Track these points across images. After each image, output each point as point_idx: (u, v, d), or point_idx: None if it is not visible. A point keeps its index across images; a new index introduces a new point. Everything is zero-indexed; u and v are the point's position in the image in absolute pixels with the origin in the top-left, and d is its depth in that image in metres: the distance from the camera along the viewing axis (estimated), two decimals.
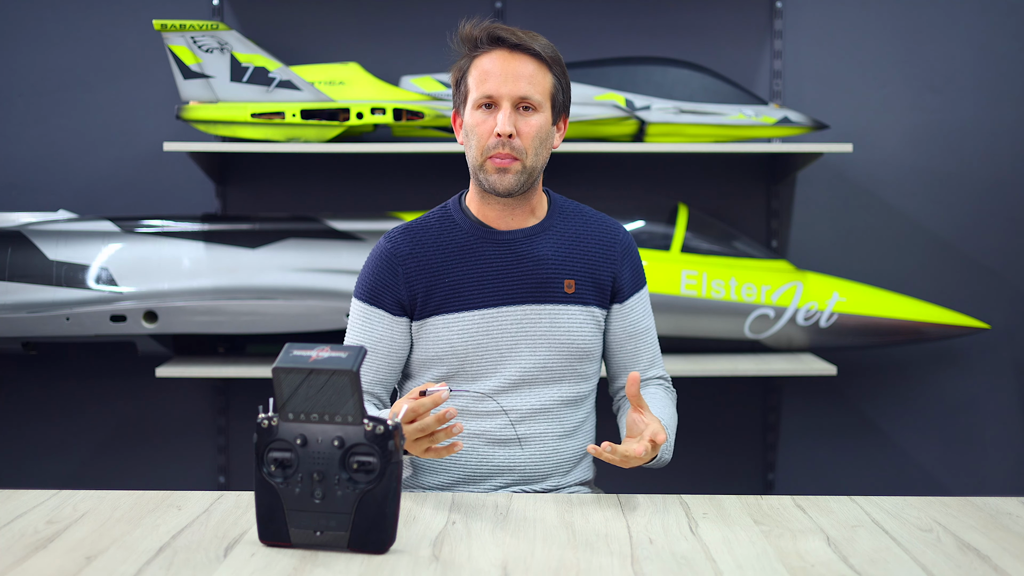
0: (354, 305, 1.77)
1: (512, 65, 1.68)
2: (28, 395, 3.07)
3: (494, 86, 1.68)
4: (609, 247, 1.80)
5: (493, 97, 1.68)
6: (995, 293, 3.10)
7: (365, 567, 1.28)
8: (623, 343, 1.83)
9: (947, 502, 1.58)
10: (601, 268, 1.79)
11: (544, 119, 1.71)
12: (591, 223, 1.82)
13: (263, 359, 2.80)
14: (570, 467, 1.80)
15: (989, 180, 3.09)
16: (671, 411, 1.80)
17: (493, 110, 1.69)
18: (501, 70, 1.68)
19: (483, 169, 1.70)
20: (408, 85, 2.81)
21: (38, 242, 2.68)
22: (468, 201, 1.79)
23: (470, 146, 1.72)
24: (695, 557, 1.33)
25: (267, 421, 1.32)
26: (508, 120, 1.67)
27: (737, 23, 3.06)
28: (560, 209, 1.81)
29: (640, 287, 1.84)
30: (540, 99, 1.70)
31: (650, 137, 2.79)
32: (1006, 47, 3.07)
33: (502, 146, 1.67)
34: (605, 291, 1.80)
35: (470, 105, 1.71)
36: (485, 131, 1.69)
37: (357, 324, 1.76)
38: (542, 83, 1.70)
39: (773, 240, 3.08)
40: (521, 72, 1.68)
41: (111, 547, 1.35)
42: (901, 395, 3.13)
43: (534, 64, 1.70)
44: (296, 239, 2.73)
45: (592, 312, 1.78)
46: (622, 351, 1.83)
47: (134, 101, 3.03)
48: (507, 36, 1.69)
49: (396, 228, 1.79)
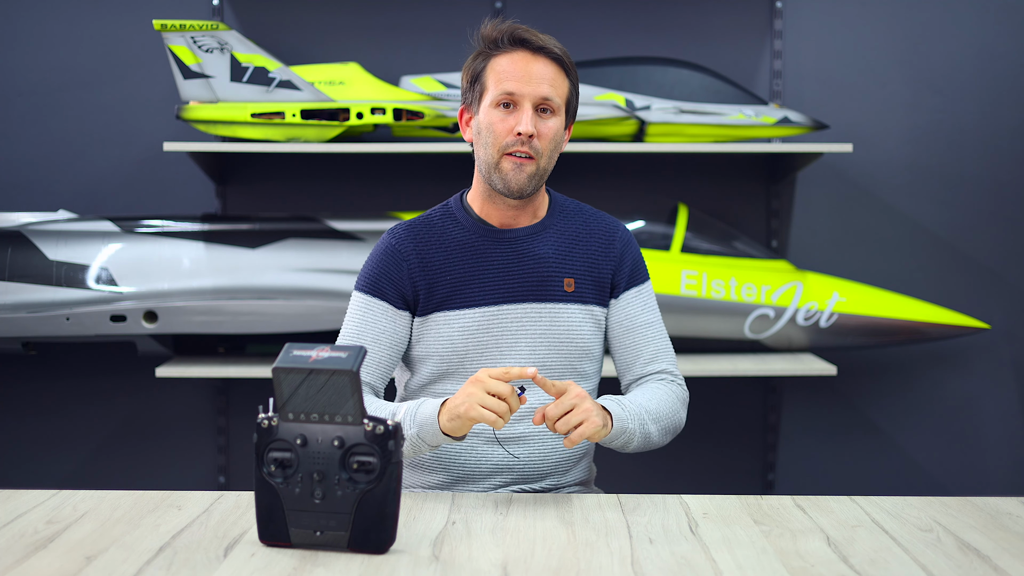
0: (355, 298, 1.77)
1: (534, 67, 1.69)
2: (28, 395, 3.07)
3: (516, 86, 1.68)
4: (608, 245, 1.81)
5: (515, 96, 1.69)
6: (995, 293, 3.10)
7: (365, 567, 1.28)
8: (622, 337, 1.83)
9: (947, 502, 1.58)
10: (601, 266, 1.80)
11: (560, 123, 1.73)
12: (591, 221, 1.82)
13: (263, 359, 2.80)
14: (569, 466, 1.81)
15: (989, 180, 3.09)
16: (652, 396, 1.75)
17: (512, 109, 1.69)
18: (523, 71, 1.69)
19: (498, 167, 1.70)
20: (408, 85, 2.81)
21: (38, 242, 2.68)
22: (470, 200, 1.79)
23: (484, 143, 1.72)
24: (695, 557, 1.33)
25: (267, 421, 1.32)
26: (530, 120, 1.68)
27: (737, 23, 3.06)
28: (560, 208, 1.82)
29: (639, 282, 1.83)
30: (559, 103, 1.71)
31: (650, 137, 2.79)
32: (1006, 47, 3.07)
33: (521, 144, 1.68)
34: (605, 289, 1.80)
35: (487, 103, 1.71)
36: (504, 129, 1.69)
37: (357, 314, 1.75)
38: (561, 87, 1.72)
39: (773, 240, 3.08)
40: (543, 74, 1.70)
41: (111, 547, 1.35)
42: (901, 395, 3.13)
43: (555, 68, 1.71)
44: (296, 239, 2.73)
45: (591, 310, 1.79)
46: (622, 345, 1.83)
47: (134, 101, 3.03)
48: (531, 38, 1.70)
49: (399, 225, 1.79)
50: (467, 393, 1.53)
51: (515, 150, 1.69)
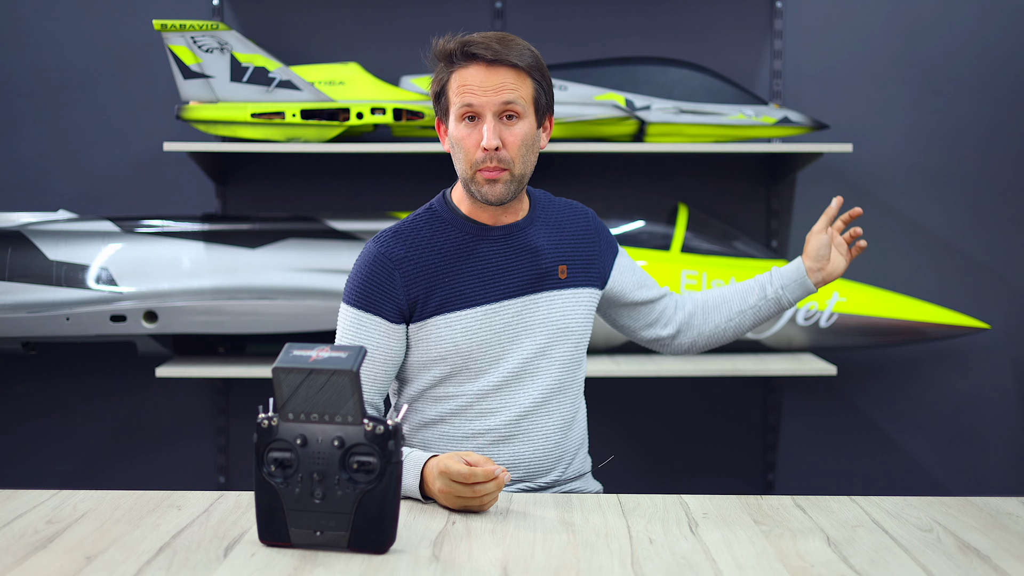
0: (345, 312, 1.74)
1: (491, 78, 1.68)
2: (28, 395, 3.07)
3: (475, 99, 1.67)
4: (586, 228, 1.86)
5: (475, 108, 1.68)
6: (995, 293, 3.10)
7: (365, 567, 1.28)
8: (635, 289, 1.92)
9: (947, 502, 1.58)
10: (584, 249, 1.84)
11: (528, 125, 1.71)
12: (563, 209, 1.86)
13: (263, 359, 2.80)
14: (571, 458, 1.82)
15: (989, 180, 3.09)
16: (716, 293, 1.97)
17: (476, 122, 1.69)
18: (480, 83, 1.67)
19: (473, 181, 1.71)
20: (408, 85, 2.81)
21: (38, 242, 2.68)
22: (456, 199, 1.79)
23: (458, 158, 1.72)
24: (695, 557, 1.33)
25: (267, 421, 1.32)
26: (493, 133, 1.67)
27: (737, 23, 3.06)
28: (537, 199, 1.84)
29: (617, 249, 1.92)
30: (523, 107, 1.70)
31: (650, 137, 2.79)
32: (1006, 47, 3.06)
33: (490, 160, 1.68)
34: (592, 269, 1.84)
35: (453, 117, 1.71)
36: (471, 144, 1.69)
37: (350, 331, 1.73)
38: (524, 88, 1.70)
39: (773, 240, 3.08)
40: (501, 82, 1.68)
41: (111, 547, 1.35)
42: (901, 395, 3.13)
43: (512, 73, 1.69)
44: (296, 239, 2.73)
45: (583, 294, 1.82)
46: (635, 310, 1.93)
47: (134, 101, 3.03)
48: (482, 52, 1.67)
49: (384, 232, 1.77)
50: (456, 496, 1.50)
51: (484, 167, 1.69)
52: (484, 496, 1.49)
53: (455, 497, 1.50)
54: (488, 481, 1.48)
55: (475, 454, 1.52)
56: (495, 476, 1.48)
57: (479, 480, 1.47)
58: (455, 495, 1.49)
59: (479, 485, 1.48)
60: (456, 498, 1.50)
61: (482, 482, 1.47)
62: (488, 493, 1.49)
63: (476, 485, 1.48)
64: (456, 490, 1.49)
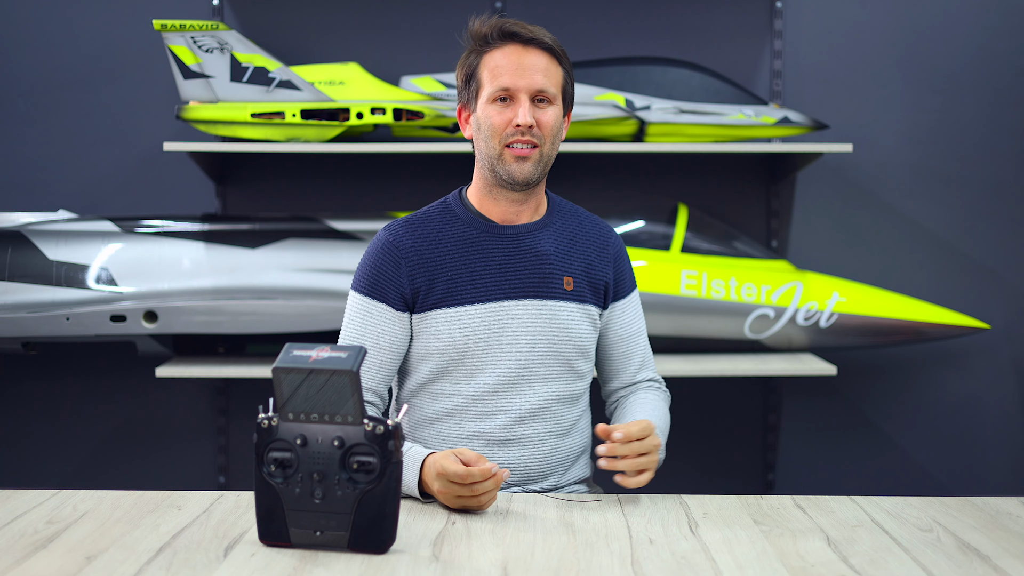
0: (353, 298, 1.77)
1: (527, 59, 1.70)
2: (28, 395, 3.07)
3: (511, 80, 1.70)
4: (603, 248, 1.83)
5: (510, 90, 1.70)
6: (995, 293, 3.10)
7: (365, 567, 1.28)
8: (616, 345, 1.85)
9: (947, 502, 1.58)
10: (596, 269, 1.81)
11: (558, 111, 1.74)
12: (586, 224, 1.84)
13: (263, 359, 2.80)
14: (568, 465, 1.81)
15: (989, 180, 3.09)
16: (663, 412, 1.82)
17: (509, 103, 1.71)
18: (516, 64, 1.70)
19: (501, 159, 1.71)
20: (408, 85, 2.81)
21: (38, 242, 2.68)
22: (470, 196, 1.80)
23: (485, 137, 1.72)
24: (695, 557, 1.33)
25: (267, 421, 1.33)
26: (528, 111, 1.69)
27: (737, 23, 3.06)
28: (558, 208, 1.83)
29: (633, 289, 1.87)
30: (555, 92, 1.73)
31: (650, 137, 2.79)
32: (1006, 47, 3.06)
33: (522, 134, 1.70)
34: (599, 291, 1.82)
35: (484, 99, 1.72)
36: (502, 121, 1.70)
37: (356, 318, 1.75)
38: (555, 76, 1.73)
39: (773, 240, 3.08)
40: (536, 65, 1.71)
41: (111, 547, 1.35)
42: (901, 395, 3.13)
43: (547, 58, 1.72)
44: (296, 239, 2.73)
45: (589, 310, 1.80)
46: (615, 353, 1.86)
47: (134, 101, 3.03)
48: (520, 31, 1.71)
49: (396, 221, 1.79)
50: (455, 496, 1.50)
51: (515, 141, 1.70)
52: (482, 495, 1.49)
53: (454, 497, 1.50)
54: (485, 480, 1.48)
55: (469, 451, 1.52)
56: (492, 474, 1.48)
57: (476, 480, 1.47)
58: (454, 495, 1.50)
59: (476, 484, 1.48)
60: (455, 498, 1.50)
61: (479, 481, 1.48)
62: (486, 492, 1.49)
63: (474, 484, 1.48)
64: (454, 490, 1.49)
